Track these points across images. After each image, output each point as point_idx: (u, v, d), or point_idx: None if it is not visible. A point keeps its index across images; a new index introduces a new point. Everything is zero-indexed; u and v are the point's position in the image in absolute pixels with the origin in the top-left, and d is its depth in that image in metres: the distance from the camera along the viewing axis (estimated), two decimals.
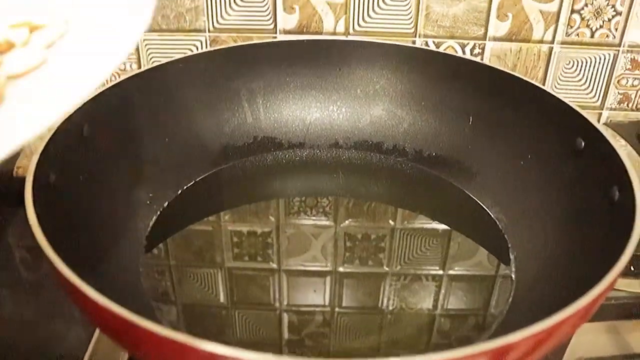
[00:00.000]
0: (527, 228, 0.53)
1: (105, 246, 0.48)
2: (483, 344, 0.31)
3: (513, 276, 0.51)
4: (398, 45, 0.62)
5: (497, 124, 0.58)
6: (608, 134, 0.48)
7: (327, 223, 0.57)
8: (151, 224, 0.54)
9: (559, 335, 0.36)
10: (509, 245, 0.53)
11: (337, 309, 0.49)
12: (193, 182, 0.59)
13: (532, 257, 0.51)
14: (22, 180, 0.42)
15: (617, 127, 0.65)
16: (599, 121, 0.74)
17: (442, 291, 0.50)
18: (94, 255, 0.46)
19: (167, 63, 0.57)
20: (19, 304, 0.55)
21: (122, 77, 0.53)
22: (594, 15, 0.68)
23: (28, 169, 0.42)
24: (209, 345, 0.30)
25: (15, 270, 0.58)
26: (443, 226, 0.57)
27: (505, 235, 0.54)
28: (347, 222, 0.57)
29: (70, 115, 0.48)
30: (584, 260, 0.45)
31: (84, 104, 0.49)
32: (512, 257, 0.52)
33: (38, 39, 0.33)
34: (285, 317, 0.48)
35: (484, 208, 0.57)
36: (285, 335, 0.47)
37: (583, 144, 0.50)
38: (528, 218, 0.53)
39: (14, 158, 0.47)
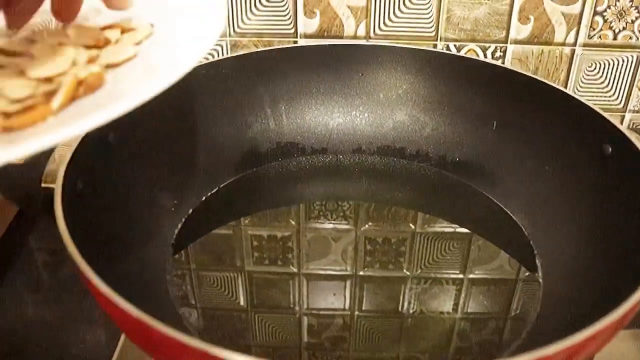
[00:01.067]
0: (553, 235, 0.52)
1: (132, 253, 0.48)
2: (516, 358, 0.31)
3: (540, 280, 0.50)
4: (420, 49, 0.62)
5: (521, 129, 0.58)
6: (635, 138, 0.48)
7: (348, 227, 0.57)
8: (176, 231, 0.54)
9: (592, 348, 0.36)
10: (535, 252, 0.53)
11: (357, 313, 0.49)
12: (217, 188, 0.59)
13: (559, 264, 0.51)
14: (49, 189, 0.42)
15: None
16: (621, 124, 0.73)
17: (463, 295, 0.50)
18: (121, 263, 0.46)
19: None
20: (41, 308, 0.55)
21: None
22: (617, 17, 0.68)
23: (57, 178, 0.43)
24: (234, 355, 0.31)
25: (37, 273, 0.58)
26: (466, 231, 0.57)
27: (531, 242, 0.54)
28: (367, 225, 0.57)
29: None
30: (614, 268, 0.45)
31: None
32: (538, 263, 0.52)
33: (128, 39, 0.38)
34: (305, 320, 0.48)
35: (508, 214, 0.57)
36: (305, 338, 0.47)
37: (610, 149, 0.50)
38: (554, 224, 0.53)
39: (42, 164, 0.48)
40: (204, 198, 0.58)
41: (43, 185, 0.46)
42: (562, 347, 0.32)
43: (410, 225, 0.58)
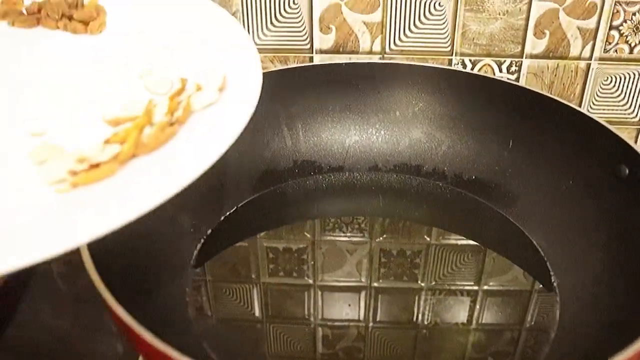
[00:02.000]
0: (570, 255, 0.53)
1: (152, 275, 0.49)
2: None
3: (557, 300, 0.50)
4: (436, 67, 0.62)
5: (537, 148, 0.58)
6: None
7: (363, 239, 0.57)
8: (195, 252, 0.54)
9: None
10: (552, 273, 0.53)
11: (371, 324, 0.49)
12: (235, 208, 0.59)
13: (575, 284, 0.51)
14: None
15: None
16: (637, 137, 0.73)
17: (484, 309, 0.51)
18: (141, 286, 0.46)
19: None
20: (58, 318, 0.55)
21: None
22: (633, 31, 0.67)
23: None
24: None
25: (54, 283, 0.59)
26: (482, 247, 0.57)
27: (548, 263, 0.54)
28: (382, 238, 0.58)
29: None
30: (631, 289, 0.45)
31: None
32: (555, 284, 0.52)
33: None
34: (320, 331, 0.49)
35: (525, 233, 0.57)
36: (320, 349, 0.47)
37: (627, 170, 0.50)
38: (571, 245, 0.53)
39: None
40: (222, 218, 0.58)
41: None
42: None
43: (425, 237, 0.58)
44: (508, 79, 0.70)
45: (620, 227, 0.50)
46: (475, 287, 0.52)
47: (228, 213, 0.59)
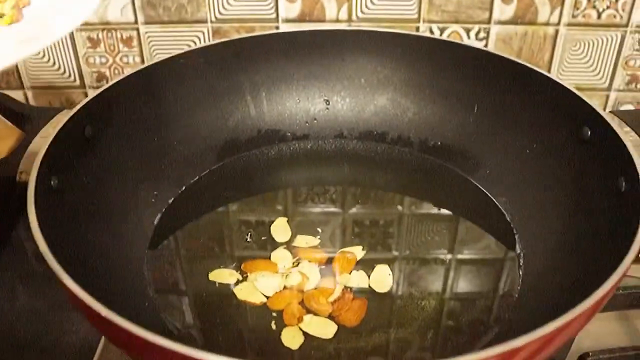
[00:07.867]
0: (534, 218, 0.53)
1: (111, 247, 0.48)
2: (488, 350, 0.31)
3: (521, 264, 0.51)
4: (402, 33, 0.61)
5: (502, 113, 0.58)
6: (615, 123, 0.48)
7: (334, 210, 0.57)
8: (156, 221, 0.54)
9: (567, 334, 0.36)
10: (516, 235, 0.53)
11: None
12: (197, 177, 0.59)
13: (539, 246, 0.51)
14: (24, 185, 0.42)
15: (624, 115, 0.64)
16: (606, 103, 0.73)
17: (451, 275, 0.51)
18: (99, 258, 0.46)
19: (167, 59, 0.56)
20: (32, 297, 0.55)
21: (123, 76, 0.53)
22: None
23: (30, 174, 0.42)
24: (214, 357, 0.31)
25: (27, 262, 0.58)
26: (451, 214, 0.57)
27: (512, 225, 0.54)
28: (354, 209, 0.57)
29: (72, 116, 0.48)
30: (592, 251, 0.45)
31: (86, 103, 0.49)
32: (519, 246, 0.52)
33: None
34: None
35: (490, 197, 0.57)
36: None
37: (589, 132, 0.50)
38: (535, 208, 0.53)
39: (17, 160, 0.48)
40: (184, 188, 0.57)
41: (18, 180, 0.46)
42: (532, 338, 0.32)
43: (398, 207, 0.58)
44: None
45: (582, 189, 0.50)
46: (449, 256, 0.53)
47: (191, 182, 0.58)
